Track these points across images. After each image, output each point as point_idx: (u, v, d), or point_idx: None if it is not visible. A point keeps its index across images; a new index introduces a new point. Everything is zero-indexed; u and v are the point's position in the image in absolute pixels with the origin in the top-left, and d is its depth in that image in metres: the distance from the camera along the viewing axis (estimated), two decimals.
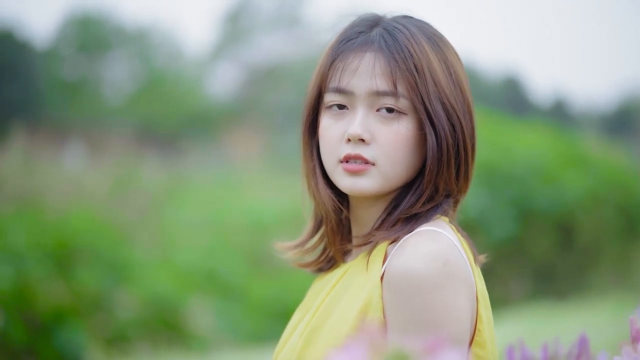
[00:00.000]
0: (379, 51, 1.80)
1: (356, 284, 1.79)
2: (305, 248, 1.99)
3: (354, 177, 1.79)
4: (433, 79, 1.78)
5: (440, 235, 1.72)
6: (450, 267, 1.67)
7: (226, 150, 21.60)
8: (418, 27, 1.84)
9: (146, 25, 29.16)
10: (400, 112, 1.78)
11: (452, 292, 1.66)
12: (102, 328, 7.69)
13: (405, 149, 1.78)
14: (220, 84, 31.20)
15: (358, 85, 1.80)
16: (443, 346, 1.07)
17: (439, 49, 1.82)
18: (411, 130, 1.79)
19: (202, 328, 8.24)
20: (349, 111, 1.81)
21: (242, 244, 9.89)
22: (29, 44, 24.03)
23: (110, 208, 9.49)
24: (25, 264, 7.52)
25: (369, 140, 1.78)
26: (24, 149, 9.99)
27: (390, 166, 1.78)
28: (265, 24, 31.51)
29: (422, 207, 1.81)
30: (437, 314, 1.64)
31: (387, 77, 1.78)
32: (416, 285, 1.65)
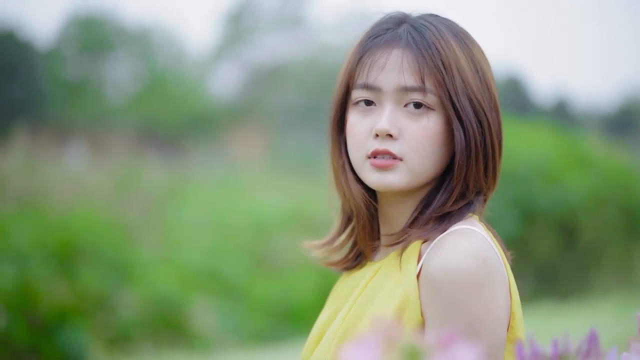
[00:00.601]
0: (407, 47, 1.81)
1: (390, 282, 1.79)
2: (332, 246, 1.99)
3: (382, 173, 1.79)
4: (460, 75, 1.80)
5: (476, 234, 1.74)
6: (489, 266, 1.70)
7: (228, 150, 21.61)
8: (445, 24, 1.86)
9: (148, 26, 29.18)
10: (428, 108, 1.79)
11: (492, 289, 1.68)
12: (105, 328, 7.70)
13: (433, 145, 1.79)
14: (222, 84, 31.22)
15: (386, 81, 1.80)
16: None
17: (466, 47, 1.83)
18: (439, 126, 1.80)
19: (205, 328, 8.25)
20: (376, 107, 1.82)
21: (244, 244, 9.90)
22: (31, 44, 24.04)
23: (112, 208, 9.49)
24: (28, 264, 7.53)
25: (396, 135, 1.78)
26: (26, 149, 9.99)
27: (418, 161, 1.79)
28: (268, 24, 31.52)
29: (454, 206, 1.82)
30: (479, 311, 1.66)
31: (415, 73, 1.79)
32: (459, 283, 1.66)
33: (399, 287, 1.76)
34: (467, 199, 1.83)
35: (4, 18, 23.70)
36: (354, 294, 1.86)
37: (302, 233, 10.73)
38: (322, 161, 11.55)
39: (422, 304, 1.71)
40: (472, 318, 1.66)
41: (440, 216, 1.82)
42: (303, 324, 9.36)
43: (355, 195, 1.87)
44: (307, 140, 25.37)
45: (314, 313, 9.61)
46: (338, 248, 1.98)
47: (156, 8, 48.51)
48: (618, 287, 10.73)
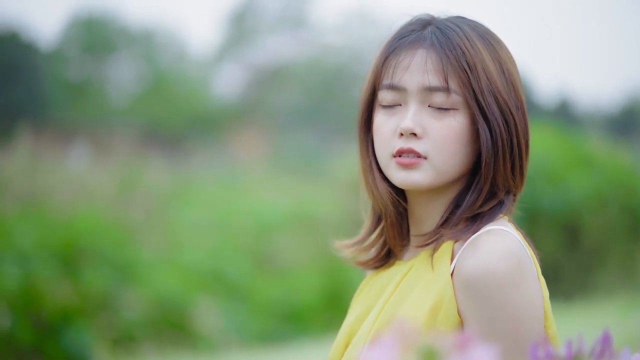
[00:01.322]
0: (431, 48, 1.84)
1: (422, 282, 1.82)
2: (363, 246, 2.01)
3: (407, 171, 1.82)
4: (486, 75, 1.83)
5: (509, 234, 1.77)
6: (524, 265, 1.73)
7: (230, 150, 21.62)
8: (471, 26, 1.89)
9: (151, 26, 29.20)
10: (451, 107, 1.83)
11: (528, 288, 1.72)
12: (109, 328, 7.71)
13: (457, 143, 1.82)
14: (225, 84, 31.23)
15: (410, 81, 1.84)
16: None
17: (492, 48, 1.87)
18: (463, 125, 1.82)
19: (208, 328, 8.25)
20: (401, 107, 1.85)
21: (247, 244, 9.90)
22: (34, 45, 24.07)
23: (115, 208, 9.50)
24: (32, 264, 7.54)
25: (420, 134, 1.81)
26: (29, 149, 10.00)
27: (442, 160, 1.82)
28: (270, 25, 31.54)
29: (486, 206, 1.85)
30: (516, 311, 1.70)
31: (439, 73, 1.82)
32: (496, 283, 1.70)
33: (432, 287, 1.79)
34: (497, 199, 1.86)
35: (7, 19, 23.73)
36: (385, 294, 1.89)
37: (305, 233, 10.73)
38: (324, 161, 11.58)
39: (458, 303, 1.75)
40: (513, 317, 1.70)
41: (472, 216, 1.84)
42: (306, 324, 9.37)
43: (382, 194, 1.90)
44: (309, 141, 25.39)
45: (316, 313, 9.62)
46: (368, 247, 1.99)
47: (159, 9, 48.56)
48: (621, 287, 10.73)
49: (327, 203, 12.14)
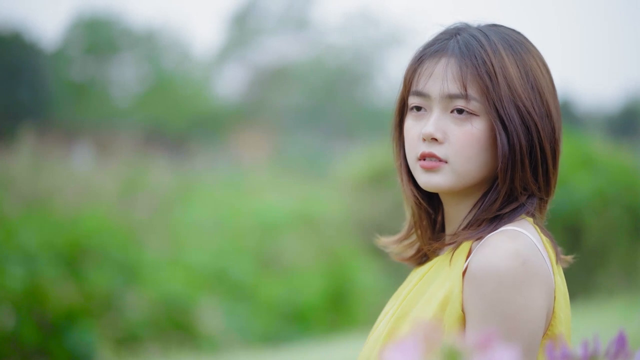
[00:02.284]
0: (452, 56, 1.92)
1: (440, 277, 1.90)
2: (406, 242, 2.10)
3: (429, 174, 1.91)
4: (507, 83, 1.89)
5: (521, 235, 1.84)
6: (529, 266, 1.80)
7: (234, 151, 21.64)
8: (500, 34, 1.96)
9: (154, 27, 29.21)
10: (471, 114, 1.90)
11: (529, 289, 1.78)
12: (113, 328, 7.73)
13: (476, 148, 1.90)
14: (228, 85, 31.25)
15: (433, 89, 1.92)
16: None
17: (519, 56, 1.93)
18: (482, 131, 1.90)
19: (212, 328, 8.28)
20: (426, 113, 1.94)
21: (251, 244, 9.92)
22: (37, 45, 24.09)
23: (119, 209, 9.52)
24: (36, 265, 7.56)
25: (441, 139, 1.90)
26: (33, 150, 10.01)
27: (462, 164, 1.90)
28: (273, 25, 31.54)
29: (506, 208, 1.92)
30: (513, 310, 1.77)
31: (458, 81, 1.90)
32: (496, 281, 1.77)
33: (446, 283, 1.87)
34: (518, 202, 1.92)
35: (10, 20, 23.75)
36: (408, 287, 1.99)
37: (308, 234, 10.75)
38: (327, 161, 11.59)
39: (463, 299, 1.82)
40: (507, 316, 1.77)
41: (493, 217, 1.92)
42: (309, 324, 9.39)
43: (407, 195, 2.02)
44: (312, 141, 25.39)
45: (320, 314, 9.65)
46: (411, 244, 2.09)
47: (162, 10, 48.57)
48: (623, 287, 10.75)
49: (330, 203, 12.16)
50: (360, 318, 10.15)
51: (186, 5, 49.66)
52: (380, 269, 11.09)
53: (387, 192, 12.41)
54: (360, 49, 31.92)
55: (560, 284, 1.88)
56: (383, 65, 32.18)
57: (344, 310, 10.01)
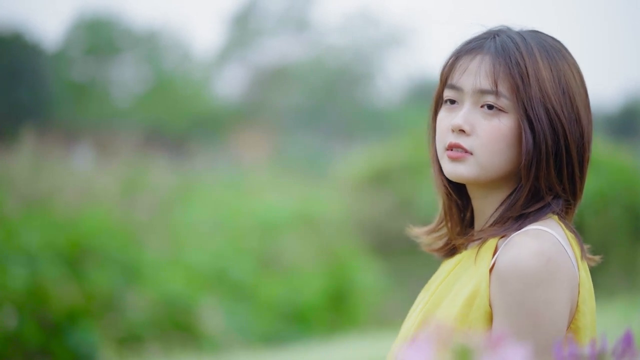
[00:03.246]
0: (487, 54, 2.00)
1: (467, 274, 1.98)
2: (436, 234, 2.17)
3: (454, 163, 1.99)
4: (539, 84, 1.97)
5: (546, 234, 1.91)
6: (553, 264, 1.88)
7: (234, 151, 21.65)
8: (538, 39, 2.04)
9: (154, 28, 29.21)
10: (500, 110, 1.98)
11: (552, 287, 1.87)
12: (115, 328, 7.75)
13: (502, 143, 1.97)
14: (228, 85, 31.27)
15: (466, 83, 2.01)
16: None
17: (553, 61, 2.01)
18: (509, 128, 1.97)
19: (212, 328, 8.29)
20: (458, 106, 2.02)
21: (251, 245, 9.93)
22: (38, 46, 24.10)
23: (119, 209, 9.52)
24: (38, 265, 7.58)
25: (469, 131, 1.98)
26: (34, 150, 10.01)
27: (486, 157, 1.97)
28: (273, 26, 31.55)
29: (531, 207, 1.99)
30: (537, 307, 1.85)
31: (490, 77, 1.98)
32: (521, 279, 1.85)
33: (472, 280, 1.94)
34: (544, 201, 1.99)
35: (11, 20, 23.77)
36: (437, 282, 2.06)
37: (308, 234, 10.77)
38: (327, 162, 11.58)
39: (490, 295, 1.90)
40: (531, 313, 1.84)
41: (518, 216, 1.98)
42: (309, 324, 9.41)
43: (438, 185, 2.10)
44: (312, 141, 25.40)
45: (320, 314, 9.66)
46: (441, 236, 2.16)
47: (162, 10, 48.59)
48: (623, 288, 10.76)
49: (330, 203, 12.17)
50: (361, 318, 10.17)
51: (186, 5, 49.68)
52: (380, 269, 11.11)
53: (387, 192, 12.43)
54: (360, 49, 31.93)
55: (585, 279, 1.96)
56: (383, 65, 32.18)
57: (344, 310, 10.02)
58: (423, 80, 32.67)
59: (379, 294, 10.78)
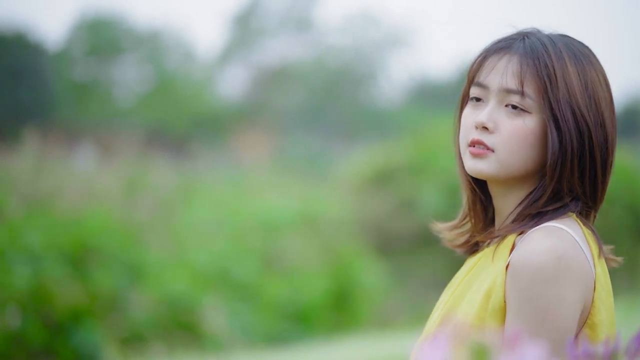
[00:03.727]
0: (515, 55, 2.05)
1: (485, 271, 2.02)
2: (459, 230, 2.20)
3: (475, 160, 2.04)
4: (567, 86, 2.01)
5: (561, 232, 1.96)
6: (565, 262, 1.92)
7: (235, 151, 21.66)
8: (566, 44, 2.08)
9: (156, 28, 29.22)
10: (524, 110, 2.02)
11: (563, 284, 1.90)
12: (118, 328, 7.77)
13: (524, 142, 2.01)
14: (230, 86, 31.27)
15: (492, 81, 2.05)
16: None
17: (581, 65, 2.05)
18: (532, 128, 2.01)
19: (215, 328, 8.31)
20: (484, 103, 2.06)
21: (253, 245, 9.94)
22: (41, 46, 24.10)
23: (121, 209, 9.54)
24: (41, 265, 7.60)
25: (492, 129, 2.02)
26: (36, 150, 10.02)
27: (507, 154, 2.01)
28: (274, 26, 31.55)
29: (550, 206, 2.03)
30: (545, 304, 1.89)
31: (517, 77, 2.02)
32: (532, 275, 1.90)
33: (490, 276, 1.98)
34: (562, 202, 2.03)
35: (14, 20, 23.79)
36: (459, 279, 2.10)
37: (311, 234, 10.78)
38: (328, 162, 11.58)
39: (505, 290, 1.94)
40: (540, 309, 1.89)
41: (536, 213, 2.02)
42: (312, 324, 9.42)
43: (462, 181, 2.14)
44: (313, 141, 25.40)
45: (323, 314, 9.68)
46: (463, 233, 2.19)
47: (164, 10, 48.61)
48: (625, 288, 10.77)
49: (332, 204, 12.18)
50: (363, 318, 10.19)
51: (188, 6, 49.68)
52: (381, 269, 11.12)
53: (388, 193, 12.44)
54: (361, 49, 31.93)
55: (602, 276, 1.98)
56: (384, 65, 32.19)
57: (347, 310, 10.04)
58: (424, 81, 32.69)
59: (381, 294, 10.80)
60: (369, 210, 12.29)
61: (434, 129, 13.88)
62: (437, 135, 13.20)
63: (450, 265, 12.16)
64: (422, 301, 11.31)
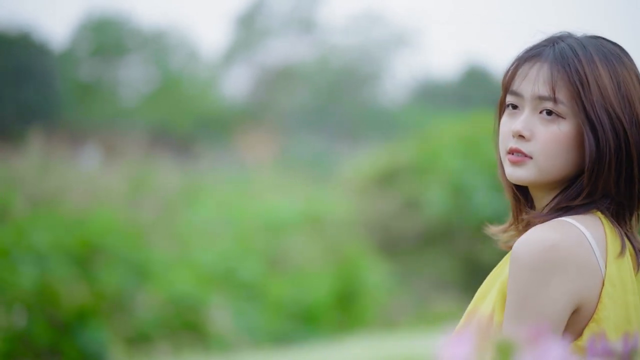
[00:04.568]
0: (546, 62, 2.11)
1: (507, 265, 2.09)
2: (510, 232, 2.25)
3: (514, 167, 2.10)
4: (600, 90, 2.06)
5: (567, 225, 2.02)
6: (555, 253, 1.98)
7: (239, 151, 21.68)
8: (597, 46, 2.13)
9: (161, 28, 29.24)
10: (558, 116, 2.07)
11: (547, 274, 1.97)
12: (123, 327, 7.79)
13: (560, 147, 2.07)
14: (234, 86, 31.28)
15: (526, 89, 2.11)
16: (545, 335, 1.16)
17: (612, 66, 2.11)
18: (567, 133, 2.07)
19: (221, 328, 8.33)
20: (519, 111, 2.13)
21: (258, 245, 9.96)
22: (46, 46, 24.12)
23: (126, 209, 9.55)
24: (47, 265, 7.61)
25: (528, 137, 2.08)
26: (41, 151, 10.04)
27: (545, 161, 2.07)
28: (279, 26, 31.56)
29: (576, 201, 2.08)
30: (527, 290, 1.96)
31: (548, 84, 2.08)
32: (520, 262, 1.98)
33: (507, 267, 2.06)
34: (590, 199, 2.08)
35: (19, 21, 23.81)
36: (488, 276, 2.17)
37: (315, 234, 10.79)
38: (332, 162, 11.60)
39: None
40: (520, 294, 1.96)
41: (561, 208, 2.09)
42: (317, 324, 9.44)
43: (505, 186, 2.21)
44: (317, 142, 25.41)
45: (327, 313, 9.69)
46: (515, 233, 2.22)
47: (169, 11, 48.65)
48: None
49: (337, 204, 12.19)
50: (368, 317, 10.20)
51: (192, 6, 49.71)
52: (387, 269, 11.14)
53: (393, 193, 12.45)
54: (365, 49, 31.94)
55: (615, 275, 2.01)
56: (388, 65, 32.20)
57: (352, 310, 10.06)
58: (427, 81, 32.69)
59: (385, 294, 10.82)
60: (373, 210, 12.30)
61: (438, 128, 13.89)
62: (441, 135, 13.21)
63: (454, 265, 12.17)
64: (427, 301, 11.33)
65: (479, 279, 2.14)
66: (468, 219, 11.59)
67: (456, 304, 10.89)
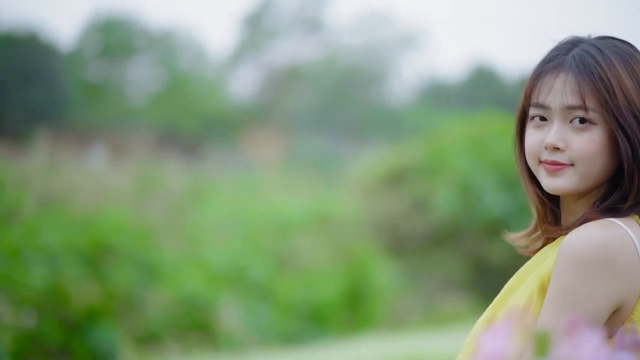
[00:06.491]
0: (570, 72, 2.13)
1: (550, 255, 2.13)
2: (534, 236, 2.28)
3: (553, 177, 2.13)
4: (624, 94, 2.10)
5: (614, 225, 2.06)
6: (605, 253, 2.01)
7: (246, 151, 21.71)
8: (612, 48, 2.16)
9: (169, 28, 29.28)
10: (590, 123, 2.10)
11: (594, 272, 2.00)
12: (134, 327, 7.81)
13: (596, 153, 2.10)
14: (241, 86, 31.32)
15: (553, 101, 2.13)
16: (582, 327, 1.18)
17: (630, 67, 2.14)
18: (601, 138, 2.10)
19: (230, 327, 8.35)
20: (547, 123, 2.15)
21: (267, 245, 9.98)
22: (53, 46, 24.15)
23: (135, 209, 9.58)
24: (58, 264, 7.63)
25: (563, 148, 2.12)
26: (49, 151, 10.07)
27: (586, 167, 2.11)
28: (286, 26, 31.60)
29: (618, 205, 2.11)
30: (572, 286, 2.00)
31: (577, 94, 2.11)
32: (569, 257, 2.01)
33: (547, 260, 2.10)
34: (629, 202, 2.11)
35: (26, 21, 23.87)
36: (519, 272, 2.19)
37: (324, 234, 10.81)
38: (339, 162, 11.62)
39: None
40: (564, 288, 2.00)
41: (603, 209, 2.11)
42: (326, 323, 9.45)
43: (531, 195, 2.23)
44: (324, 142, 25.43)
45: (337, 313, 9.71)
46: (538, 237, 2.27)
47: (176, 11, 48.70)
48: None
49: (345, 204, 12.21)
50: (377, 317, 10.21)
51: (200, 6, 49.75)
52: (395, 269, 11.15)
53: (401, 193, 12.46)
54: (372, 49, 31.96)
55: None
56: (395, 65, 32.21)
57: (361, 310, 10.07)
58: (434, 81, 32.70)
59: (394, 294, 10.83)
60: (382, 210, 12.31)
61: (445, 128, 13.90)
62: (448, 135, 13.22)
63: (462, 265, 12.19)
64: (435, 301, 11.34)
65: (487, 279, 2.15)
66: (476, 219, 11.60)
67: (464, 304, 10.90)
